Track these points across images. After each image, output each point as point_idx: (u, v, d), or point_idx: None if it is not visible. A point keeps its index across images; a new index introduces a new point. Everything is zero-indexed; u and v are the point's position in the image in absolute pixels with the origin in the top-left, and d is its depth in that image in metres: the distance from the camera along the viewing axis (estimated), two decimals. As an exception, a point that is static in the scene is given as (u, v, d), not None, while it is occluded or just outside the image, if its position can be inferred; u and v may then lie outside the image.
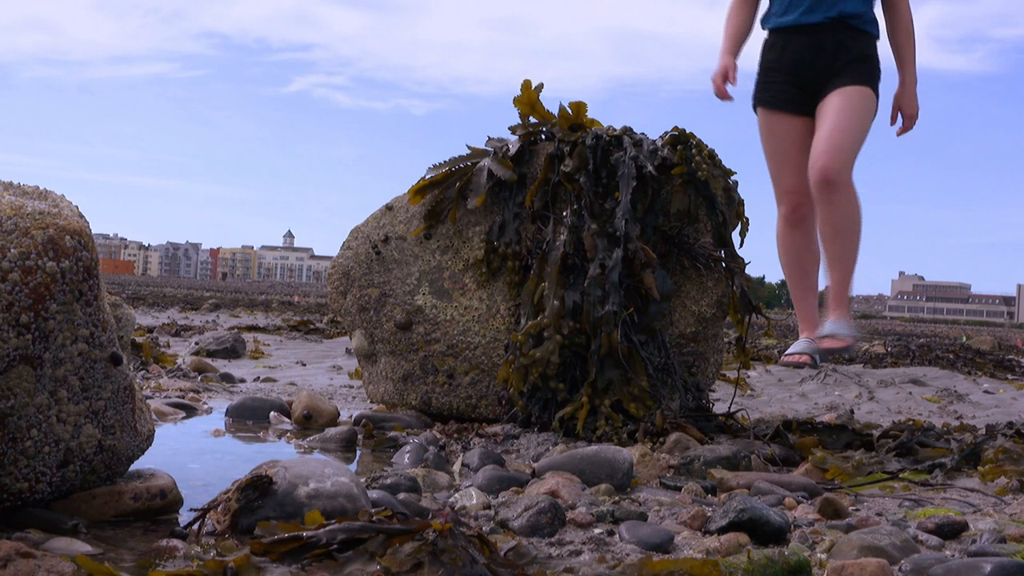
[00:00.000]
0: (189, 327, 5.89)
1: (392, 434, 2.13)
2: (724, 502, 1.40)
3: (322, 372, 3.80)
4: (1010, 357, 6.67)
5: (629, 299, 2.25)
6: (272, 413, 2.31)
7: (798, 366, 2.71)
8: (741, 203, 2.47)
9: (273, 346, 5.08)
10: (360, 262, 2.51)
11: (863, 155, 2.64)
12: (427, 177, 2.47)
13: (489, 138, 2.53)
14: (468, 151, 2.49)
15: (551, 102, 2.50)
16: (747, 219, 2.45)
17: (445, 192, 2.46)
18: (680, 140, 2.40)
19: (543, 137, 2.47)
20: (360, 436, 2.10)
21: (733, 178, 2.46)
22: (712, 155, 2.41)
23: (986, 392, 4.15)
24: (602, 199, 2.32)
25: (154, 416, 1.83)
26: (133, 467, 1.38)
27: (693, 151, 2.37)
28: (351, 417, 2.36)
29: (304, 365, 4.06)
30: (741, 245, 2.43)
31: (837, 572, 1.15)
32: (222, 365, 3.70)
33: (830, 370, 4.51)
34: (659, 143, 2.40)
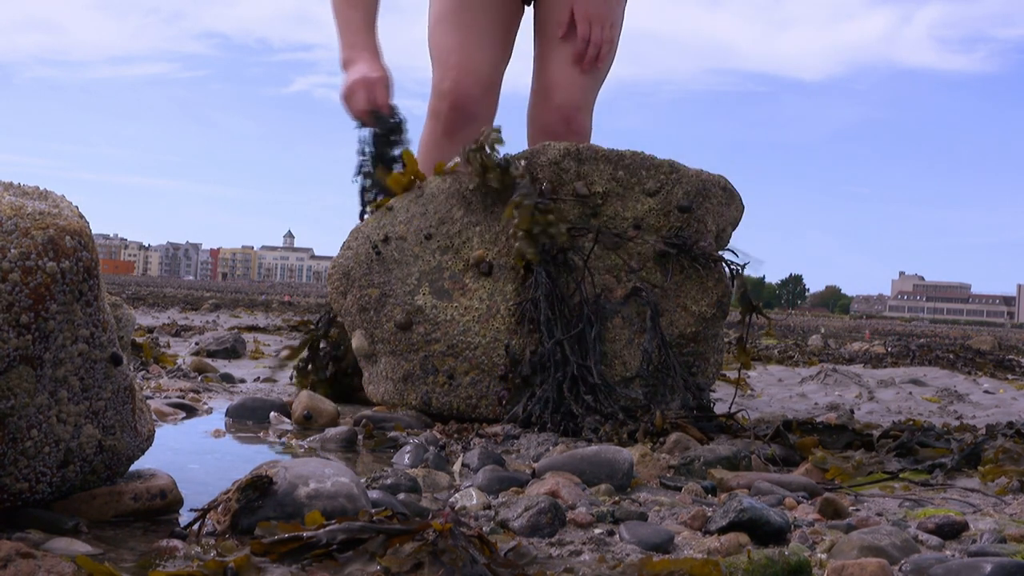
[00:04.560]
0: (189, 327, 5.88)
1: (392, 434, 2.12)
2: (724, 502, 1.40)
3: (322, 372, 3.79)
4: (1010, 357, 6.67)
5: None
6: (272, 413, 2.31)
7: None
8: (741, 202, 2.47)
9: (273, 346, 5.08)
10: (360, 262, 2.51)
11: (862, 153, 2.55)
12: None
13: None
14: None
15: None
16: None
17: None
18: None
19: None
20: (360, 436, 2.10)
21: (731, 178, 2.46)
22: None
23: (986, 392, 4.14)
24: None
25: (154, 416, 1.83)
26: (133, 467, 1.38)
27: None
28: (351, 417, 2.35)
29: (304, 365, 4.05)
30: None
31: (837, 572, 1.15)
32: (222, 365, 3.69)
33: (830, 370, 4.51)
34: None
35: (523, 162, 2.42)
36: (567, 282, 2.35)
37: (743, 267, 2.41)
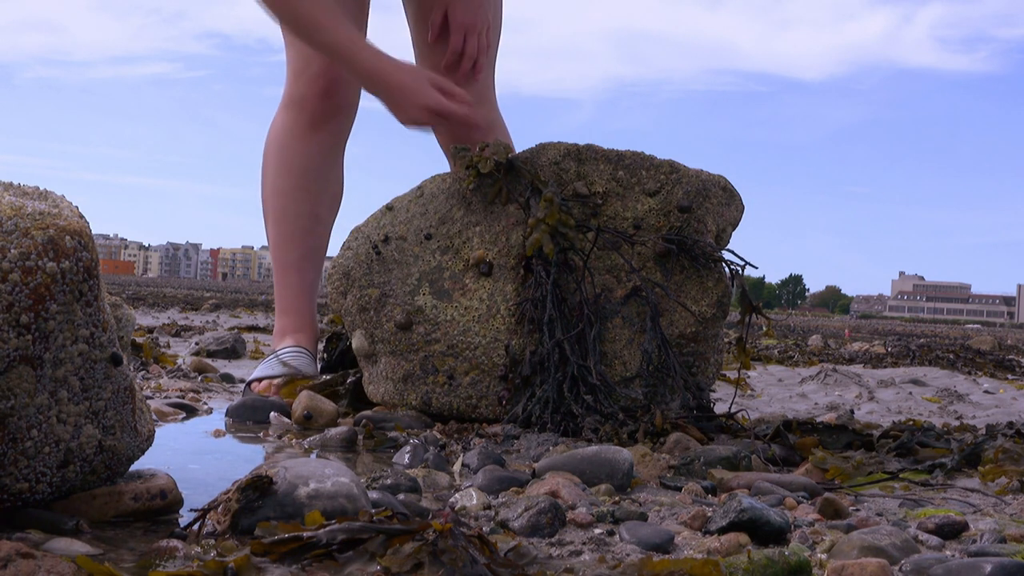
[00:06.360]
0: (189, 327, 5.88)
1: (392, 434, 2.12)
2: (724, 502, 1.40)
3: (322, 372, 3.79)
4: (1010, 357, 6.67)
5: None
6: (272, 413, 2.31)
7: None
8: (741, 202, 2.47)
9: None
10: (360, 262, 2.51)
11: (862, 153, 2.55)
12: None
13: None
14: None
15: (553, 103, 2.49)
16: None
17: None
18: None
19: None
20: (360, 436, 2.10)
21: (731, 178, 2.45)
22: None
23: (986, 392, 4.14)
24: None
25: (154, 416, 1.83)
26: (133, 467, 1.38)
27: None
28: (351, 417, 2.35)
29: (304, 365, 4.05)
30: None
31: (837, 572, 1.15)
32: (222, 365, 3.69)
33: (830, 370, 4.51)
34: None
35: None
36: (567, 282, 2.35)
37: (743, 267, 2.41)
